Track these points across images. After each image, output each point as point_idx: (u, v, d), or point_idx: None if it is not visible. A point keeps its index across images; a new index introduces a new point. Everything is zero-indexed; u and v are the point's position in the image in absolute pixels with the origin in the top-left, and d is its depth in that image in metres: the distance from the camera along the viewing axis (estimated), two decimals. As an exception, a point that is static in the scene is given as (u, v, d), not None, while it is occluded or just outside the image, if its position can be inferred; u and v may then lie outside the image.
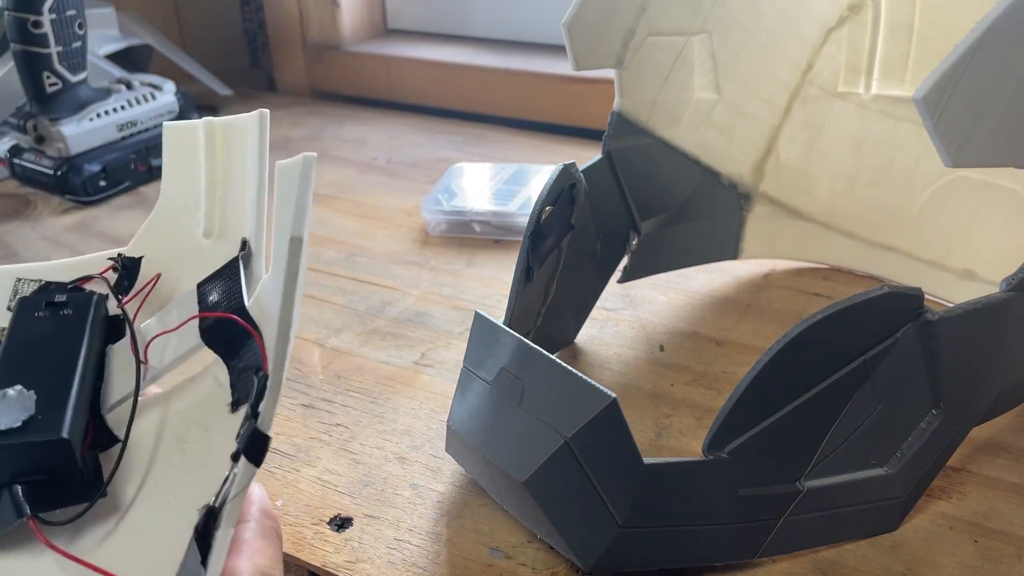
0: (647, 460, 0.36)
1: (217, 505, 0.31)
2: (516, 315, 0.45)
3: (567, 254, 0.50)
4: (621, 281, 0.58)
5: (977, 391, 0.41)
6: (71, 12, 0.74)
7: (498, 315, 0.44)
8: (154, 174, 0.84)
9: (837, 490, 0.39)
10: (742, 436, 0.37)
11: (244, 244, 0.39)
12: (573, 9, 0.48)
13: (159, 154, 0.83)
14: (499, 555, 0.40)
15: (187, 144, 0.42)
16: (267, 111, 0.38)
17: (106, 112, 0.79)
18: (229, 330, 0.36)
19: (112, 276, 0.42)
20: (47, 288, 0.41)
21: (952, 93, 0.34)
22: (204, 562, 0.29)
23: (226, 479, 0.31)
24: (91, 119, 0.78)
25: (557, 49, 1.00)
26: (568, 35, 0.48)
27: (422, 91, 1.01)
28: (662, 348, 0.56)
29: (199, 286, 0.39)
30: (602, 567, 0.37)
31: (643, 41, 0.53)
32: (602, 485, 0.36)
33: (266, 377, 0.31)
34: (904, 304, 0.37)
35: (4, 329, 0.39)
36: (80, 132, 0.77)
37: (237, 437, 0.31)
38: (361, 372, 0.54)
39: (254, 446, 0.30)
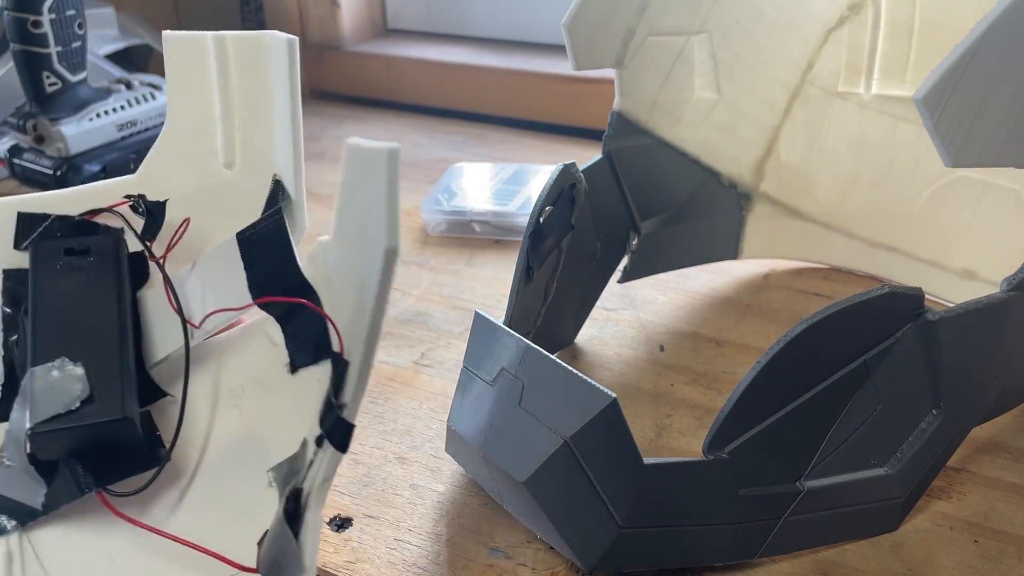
0: (647, 460, 0.36)
1: (304, 488, 0.30)
2: (516, 315, 0.45)
3: (567, 254, 0.50)
4: (621, 281, 0.58)
5: (977, 391, 0.41)
6: (71, 12, 0.73)
7: (498, 315, 0.44)
8: (154, 174, 0.84)
9: (837, 490, 0.39)
10: (742, 436, 0.37)
11: (278, 185, 0.36)
12: (573, 9, 0.48)
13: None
14: (499, 555, 0.40)
15: (194, 58, 0.38)
16: (296, 38, 0.35)
17: (106, 112, 0.79)
18: (284, 289, 0.34)
19: (127, 211, 0.39)
20: (57, 225, 0.38)
21: (952, 93, 0.34)
22: (297, 542, 0.28)
23: (311, 462, 0.30)
24: (91, 119, 0.78)
25: (557, 49, 1.00)
26: (568, 35, 0.48)
27: (422, 91, 1.01)
28: (662, 348, 0.56)
29: (239, 237, 0.36)
30: (602, 567, 0.37)
31: (643, 41, 0.53)
32: (602, 485, 0.36)
33: (346, 364, 0.30)
34: (904, 304, 0.37)
35: (11, 271, 0.37)
36: (80, 132, 0.77)
37: (321, 422, 0.30)
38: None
39: (340, 434, 0.29)
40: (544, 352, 0.38)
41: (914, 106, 0.34)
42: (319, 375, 0.34)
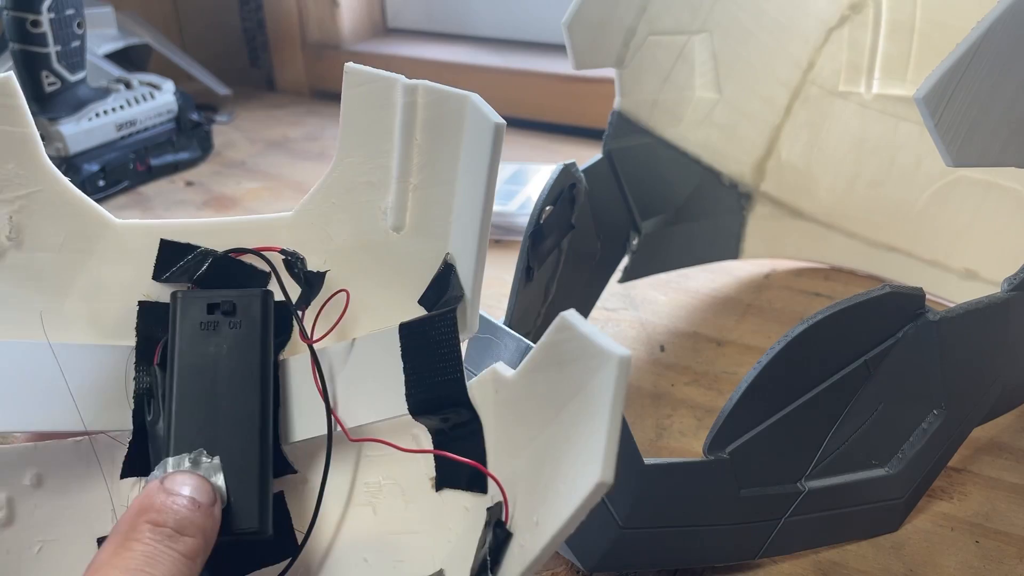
0: (648, 461, 0.36)
1: None
2: (516, 315, 0.44)
3: (567, 254, 0.50)
4: (622, 281, 0.58)
5: (978, 391, 0.41)
6: (70, 11, 0.73)
7: (498, 315, 0.43)
8: (153, 174, 0.84)
9: (838, 491, 0.39)
10: (743, 436, 0.37)
11: (450, 269, 0.33)
12: (573, 8, 0.48)
13: (158, 154, 0.84)
14: (499, 556, 0.40)
15: (377, 100, 0.35)
16: (504, 123, 0.31)
17: (105, 112, 0.79)
18: (443, 408, 0.32)
19: (277, 258, 0.36)
20: (201, 260, 0.35)
21: (953, 92, 0.34)
22: None
23: None
24: (90, 119, 0.78)
25: (557, 49, 1.00)
26: (568, 34, 0.48)
27: (422, 91, 1.01)
28: (663, 348, 0.56)
29: (402, 329, 0.33)
30: (602, 568, 0.37)
31: (644, 40, 0.52)
32: (602, 486, 0.35)
33: (509, 536, 0.28)
34: (905, 304, 0.37)
35: (147, 304, 0.34)
36: (79, 132, 0.77)
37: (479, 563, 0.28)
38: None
39: None
40: (544, 352, 0.38)
41: (915, 105, 0.34)
42: (465, 504, 0.32)
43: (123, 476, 0.33)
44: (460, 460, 0.32)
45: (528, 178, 0.75)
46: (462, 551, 0.31)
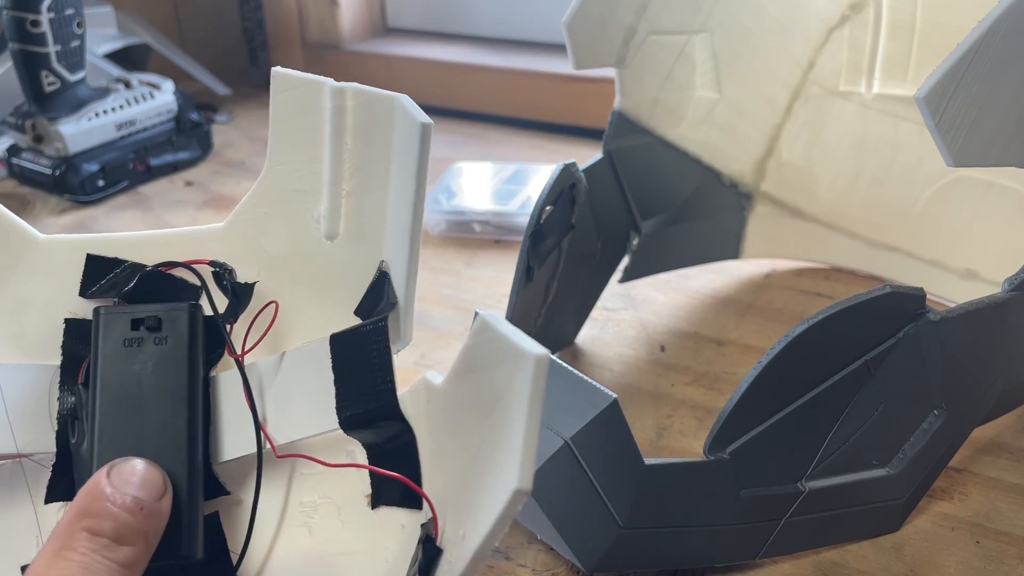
0: (648, 461, 0.36)
1: None
2: (516, 315, 0.44)
3: (567, 254, 0.50)
4: (622, 281, 0.58)
5: (979, 391, 0.41)
6: (70, 11, 0.73)
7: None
8: (152, 173, 0.84)
9: (839, 491, 0.39)
10: (743, 437, 0.37)
11: (384, 277, 0.32)
12: (573, 8, 0.48)
13: (158, 154, 0.84)
14: (499, 556, 0.40)
15: (305, 106, 0.34)
16: (431, 122, 0.31)
17: (104, 111, 0.79)
18: (375, 422, 0.31)
19: (207, 271, 0.34)
20: (129, 274, 0.34)
21: (954, 92, 0.34)
22: None
23: None
24: (89, 118, 0.78)
25: (557, 48, 1.00)
26: (568, 34, 0.48)
27: (422, 91, 1.01)
28: (663, 348, 0.56)
29: (333, 340, 0.32)
30: (603, 568, 0.37)
31: (644, 40, 0.52)
32: (603, 486, 0.35)
33: (439, 552, 0.27)
34: (906, 304, 0.37)
35: (73, 321, 0.33)
36: (78, 131, 0.77)
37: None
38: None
39: None
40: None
41: (915, 105, 0.34)
42: (401, 520, 0.31)
43: (47, 501, 0.32)
44: (389, 475, 0.31)
45: (528, 178, 0.75)
46: (398, 571, 0.30)
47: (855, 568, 0.39)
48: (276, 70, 0.35)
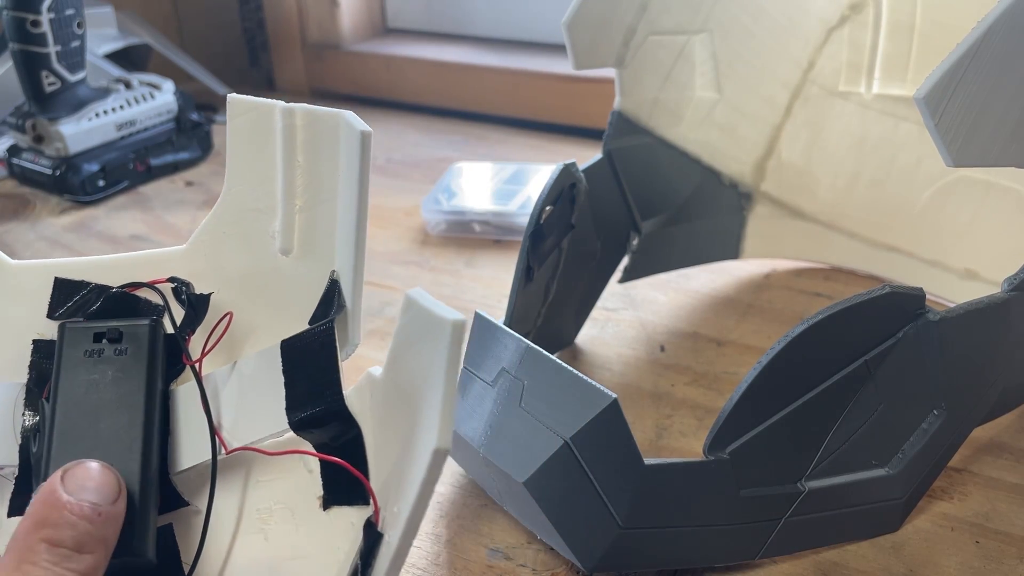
0: (648, 461, 0.36)
1: None
2: (516, 315, 0.44)
3: (567, 254, 0.50)
4: (622, 281, 0.58)
5: (979, 391, 0.41)
6: (70, 11, 0.73)
7: (498, 315, 0.43)
8: (153, 174, 0.84)
9: (838, 491, 0.39)
10: (743, 437, 0.37)
11: (335, 286, 0.33)
12: (573, 8, 0.48)
13: (158, 154, 0.84)
14: (499, 556, 0.40)
15: (259, 126, 0.35)
16: (371, 131, 0.32)
17: (105, 112, 0.79)
18: (323, 421, 0.32)
19: (167, 288, 0.36)
20: (94, 296, 0.36)
21: (953, 92, 0.34)
22: None
23: None
24: (90, 119, 0.78)
25: (557, 49, 1.00)
26: (568, 34, 0.48)
27: (422, 91, 1.01)
28: (663, 348, 0.56)
29: (284, 346, 0.33)
30: (602, 568, 0.37)
31: (644, 40, 0.52)
32: (602, 486, 0.35)
33: (379, 537, 0.28)
34: (905, 304, 0.37)
35: (41, 342, 0.34)
36: (79, 132, 0.77)
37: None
38: (360, 373, 0.54)
39: None
40: (544, 352, 0.38)
41: (915, 105, 0.34)
42: (352, 519, 0.32)
43: (10, 515, 0.33)
44: (332, 460, 0.32)
45: (528, 178, 0.75)
46: (348, 568, 0.31)
47: (855, 568, 0.39)
48: (231, 96, 0.36)
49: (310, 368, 0.33)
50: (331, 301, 0.33)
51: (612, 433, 0.35)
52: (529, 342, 0.38)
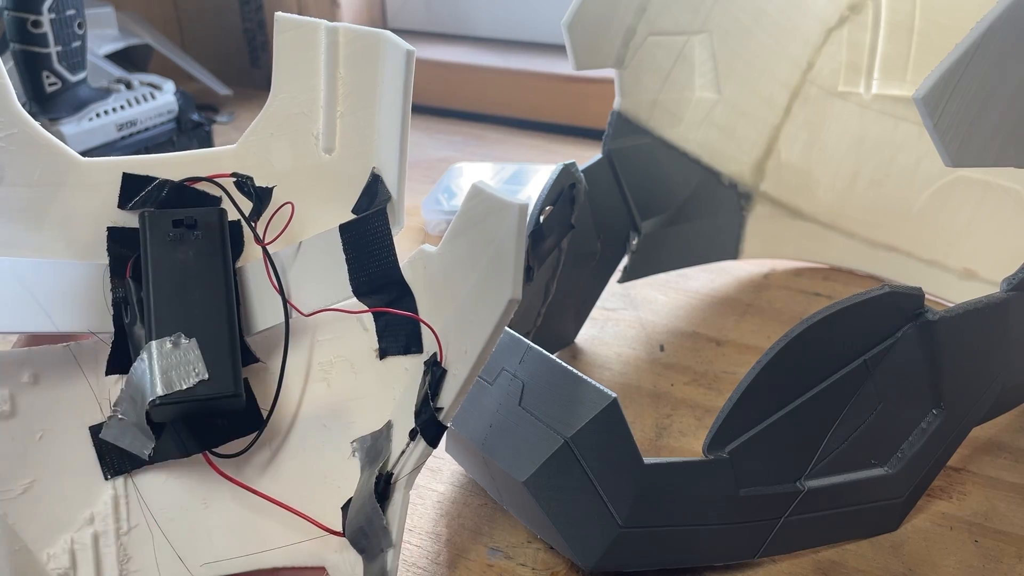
0: (647, 460, 0.36)
1: (395, 472, 0.33)
2: (517, 315, 0.45)
3: (567, 254, 0.50)
4: (621, 281, 0.58)
5: (978, 391, 0.41)
6: (71, 12, 0.73)
7: (498, 315, 0.43)
8: (154, 174, 0.84)
9: (838, 490, 0.39)
10: (743, 436, 0.37)
11: (377, 180, 0.38)
12: (573, 8, 0.48)
13: (158, 153, 0.84)
14: (499, 555, 0.40)
15: (304, 42, 0.40)
16: (414, 49, 0.37)
17: (105, 112, 0.79)
18: (382, 288, 0.37)
19: (229, 185, 0.41)
20: (160, 189, 0.40)
21: (952, 93, 0.34)
22: (386, 517, 0.33)
23: (403, 452, 0.34)
24: (90, 119, 0.78)
25: (557, 49, 1.00)
26: (568, 34, 0.48)
27: (422, 91, 1.01)
28: (662, 348, 0.56)
29: (342, 228, 0.38)
30: (602, 567, 0.37)
31: (643, 40, 0.52)
32: (602, 485, 0.36)
33: (443, 372, 0.33)
34: (904, 304, 0.37)
35: (115, 229, 0.39)
36: (79, 132, 0.77)
37: (416, 416, 0.33)
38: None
39: (432, 432, 0.32)
40: (544, 352, 0.38)
41: (914, 106, 0.34)
42: (405, 365, 0.37)
43: (108, 373, 0.38)
44: (398, 313, 0.37)
45: (528, 178, 0.75)
46: (405, 405, 0.35)
47: (854, 567, 0.40)
48: (279, 15, 0.41)
49: (369, 244, 0.37)
50: (373, 193, 0.38)
51: (612, 432, 0.35)
52: (529, 342, 0.38)
